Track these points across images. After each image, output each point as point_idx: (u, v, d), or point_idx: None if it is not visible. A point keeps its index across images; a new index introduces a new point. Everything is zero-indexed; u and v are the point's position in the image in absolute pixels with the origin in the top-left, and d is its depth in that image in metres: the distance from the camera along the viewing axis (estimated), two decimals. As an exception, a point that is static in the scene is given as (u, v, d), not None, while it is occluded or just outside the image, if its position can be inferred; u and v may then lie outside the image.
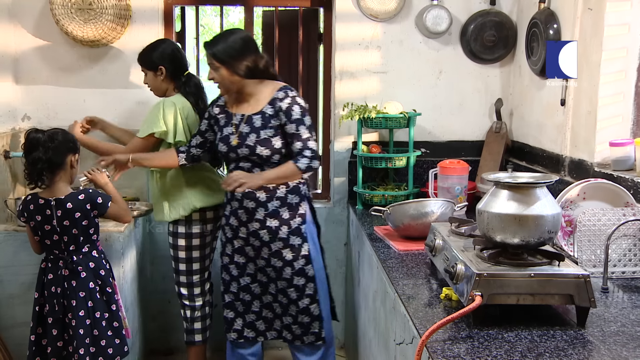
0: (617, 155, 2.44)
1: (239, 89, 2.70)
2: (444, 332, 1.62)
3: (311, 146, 2.65)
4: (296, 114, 2.64)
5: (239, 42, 2.63)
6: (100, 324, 2.56)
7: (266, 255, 2.75)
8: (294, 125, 2.64)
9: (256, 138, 2.65)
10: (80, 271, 2.54)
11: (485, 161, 3.48)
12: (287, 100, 2.65)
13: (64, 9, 3.20)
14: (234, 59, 2.61)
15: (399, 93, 3.49)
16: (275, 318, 2.85)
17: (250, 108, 2.71)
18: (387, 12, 3.42)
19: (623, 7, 2.48)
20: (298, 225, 2.74)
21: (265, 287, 2.82)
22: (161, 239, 3.55)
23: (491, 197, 1.76)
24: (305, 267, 2.75)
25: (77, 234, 2.53)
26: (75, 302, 2.52)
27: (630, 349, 1.52)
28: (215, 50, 2.62)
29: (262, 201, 2.70)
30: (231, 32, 2.70)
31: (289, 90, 2.69)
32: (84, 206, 2.52)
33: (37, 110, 3.44)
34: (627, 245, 2.07)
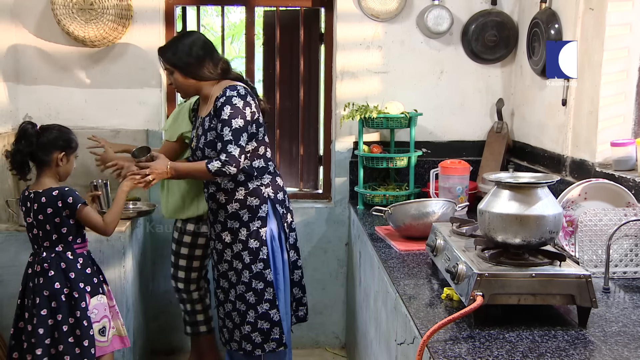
0: (619, 155, 2.43)
1: (196, 91, 2.73)
2: (445, 332, 1.61)
3: (229, 150, 2.53)
4: (225, 114, 2.56)
5: (192, 45, 2.64)
6: (61, 328, 2.46)
7: (229, 257, 2.75)
8: (220, 125, 2.57)
9: (204, 140, 2.66)
10: (47, 269, 2.48)
11: (487, 161, 3.47)
12: (221, 100, 2.58)
13: (66, 9, 3.20)
14: (186, 62, 2.63)
15: (400, 93, 3.48)
16: (235, 328, 2.79)
17: (206, 110, 2.71)
18: (388, 12, 3.42)
19: (624, 7, 2.47)
20: (257, 228, 2.70)
21: (227, 294, 2.80)
22: (162, 238, 3.56)
23: (492, 197, 1.76)
24: (263, 271, 2.71)
25: (49, 230, 2.49)
26: (38, 299, 2.47)
27: (632, 349, 1.52)
28: (167, 55, 2.66)
29: (222, 203, 2.71)
30: (183, 36, 2.71)
31: (228, 89, 2.60)
32: (55, 203, 2.47)
33: (38, 110, 3.44)
34: (628, 245, 2.06)
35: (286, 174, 3.82)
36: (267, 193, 2.73)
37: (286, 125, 3.77)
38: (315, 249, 3.68)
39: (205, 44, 2.69)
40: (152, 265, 3.58)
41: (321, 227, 3.65)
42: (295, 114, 3.74)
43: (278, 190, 2.79)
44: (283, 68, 3.69)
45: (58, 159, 2.52)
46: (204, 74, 2.65)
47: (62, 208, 2.48)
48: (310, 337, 3.72)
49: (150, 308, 3.56)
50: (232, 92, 2.59)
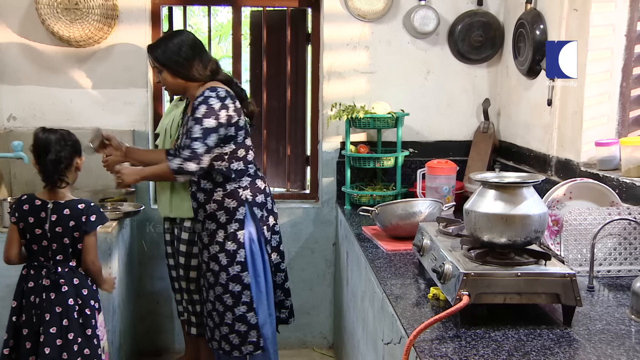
0: (603, 155, 2.45)
1: (183, 91, 2.72)
2: (432, 331, 1.62)
3: (194, 146, 2.52)
4: (199, 112, 2.55)
5: (181, 45, 2.62)
6: (72, 347, 2.36)
7: (206, 258, 2.75)
8: (193, 122, 2.56)
9: (184, 139, 2.63)
10: (62, 284, 2.38)
11: (473, 161, 3.49)
12: (199, 99, 2.58)
13: (50, 9, 3.17)
14: (176, 62, 2.62)
15: (387, 93, 3.49)
16: (215, 328, 2.79)
17: (190, 110, 2.70)
18: (375, 12, 3.43)
19: (608, 8, 2.50)
20: (234, 230, 2.70)
21: (207, 294, 2.80)
22: (150, 239, 3.54)
23: (478, 196, 1.77)
24: (241, 274, 2.71)
25: (67, 244, 2.40)
26: (49, 316, 2.36)
27: (615, 346, 1.53)
28: (156, 53, 2.64)
29: (201, 202, 2.72)
30: (174, 35, 2.69)
31: (208, 90, 2.60)
32: (80, 217, 2.40)
33: (23, 110, 3.42)
34: (612, 244, 2.08)
35: (273, 174, 3.81)
36: (244, 196, 2.71)
37: (273, 125, 3.76)
38: (302, 249, 3.67)
39: (195, 44, 2.67)
40: (139, 267, 3.56)
41: (308, 228, 3.65)
42: (282, 114, 3.74)
43: (257, 192, 2.76)
44: (270, 68, 3.69)
45: (79, 164, 2.48)
46: (192, 74, 2.64)
47: (84, 223, 2.40)
48: (298, 338, 3.72)
49: (137, 309, 3.54)
50: (211, 93, 2.59)
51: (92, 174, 3.41)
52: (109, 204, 3.34)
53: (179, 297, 3.25)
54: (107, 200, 3.36)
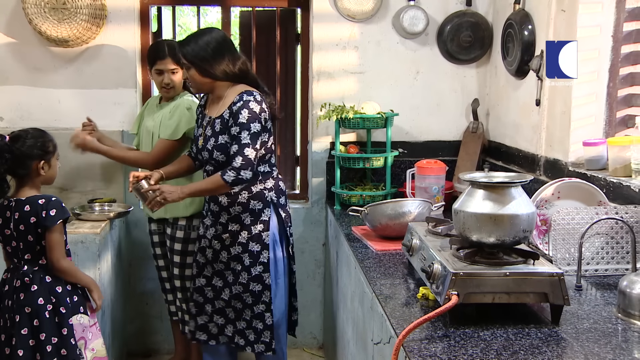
0: (591, 154, 2.47)
1: (210, 90, 2.68)
2: (421, 331, 1.63)
3: (246, 153, 2.51)
4: (243, 117, 2.54)
5: (212, 43, 2.58)
6: (45, 348, 2.28)
7: (225, 259, 2.73)
8: (237, 128, 2.54)
9: (214, 142, 2.62)
10: (28, 283, 2.31)
11: (463, 161, 3.50)
12: (239, 104, 2.56)
13: (37, 8, 3.15)
14: (205, 60, 2.57)
15: (377, 93, 3.50)
16: (228, 324, 2.79)
17: (216, 111, 2.67)
18: (364, 12, 3.44)
19: (595, 8, 2.51)
20: (259, 231, 2.70)
21: (219, 292, 2.77)
22: (139, 240, 3.53)
23: (467, 196, 1.77)
24: (263, 274, 2.71)
25: (31, 241, 2.32)
26: (19, 317, 2.29)
27: (602, 345, 1.55)
28: (185, 50, 2.59)
29: (224, 206, 2.69)
30: (204, 32, 2.64)
31: (245, 94, 2.59)
32: (40, 212, 2.30)
33: (10, 111, 3.39)
34: (599, 243, 2.10)
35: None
36: (270, 197, 2.72)
37: (263, 125, 3.75)
38: (292, 249, 3.67)
39: (224, 42, 2.63)
40: (128, 268, 3.55)
41: (298, 228, 3.65)
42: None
43: (281, 194, 2.79)
44: (259, 68, 3.68)
45: (39, 168, 2.35)
46: (220, 73, 2.60)
47: (44, 219, 2.30)
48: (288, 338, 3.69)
49: (127, 310, 3.53)
50: (249, 97, 2.58)
51: (80, 175, 3.40)
52: (97, 205, 3.32)
53: (172, 297, 3.24)
54: (96, 201, 3.34)
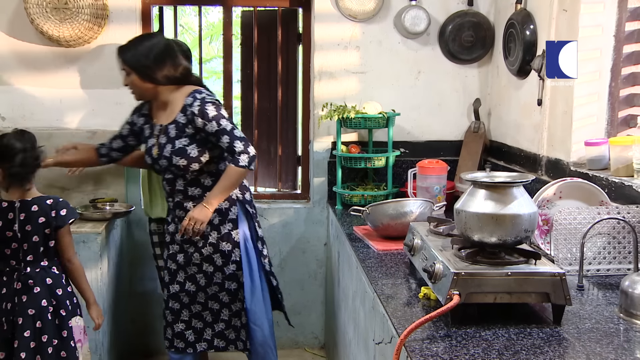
0: (592, 154, 2.47)
1: (153, 96, 2.64)
2: (422, 331, 1.62)
3: (238, 134, 2.55)
4: (211, 111, 2.55)
5: (153, 48, 2.56)
6: (46, 350, 2.29)
7: (198, 260, 2.72)
8: (214, 122, 2.54)
9: (171, 148, 2.59)
10: (32, 285, 2.30)
11: (464, 161, 3.50)
12: (196, 103, 2.55)
13: (39, 8, 3.15)
14: (146, 65, 2.54)
15: (378, 93, 3.50)
16: (206, 327, 2.78)
17: (167, 118, 2.64)
18: (366, 12, 3.43)
19: (596, 8, 2.51)
20: (229, 230, 2.70)
21: (194, 297, 2.76)
22: (140, 240, 3.53)
23: (469, 196, 1.77)
24: (237, 273, 2.72)
25: (37, 242, 2.33)
26: (22, 319, 2.28)
27: (604, 345, 1.54)
28: (125, 56, 2.57)
29: (189, 210, 2.66)
30: (145, 38, 2.64)
31: (197, 93, 2.59)
32: (49, 212, 2.34)
33: (12, 110, 3.39)
34: (601, 243, 2.10)
35: (264, 174, 3.81)
36: (234, 195, 2.72)
37: (264, 125, 3.76)
38: (293, 249, 3.67)
39: (167, 47, 2.60)
40: (129, 267, 3.55)
41: (300, 228, 3.65)
42: (273, 115, 3.73)
43: (245, 190, 2.79)
44: (261, 68, 3.68)
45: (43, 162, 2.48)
46: (162, 79, 2.57)
47: (54, 218, 2.34)
48: (289, 338, 3.71)
49: (128, 310, 3.53)
50: (201, 94, 2.59)
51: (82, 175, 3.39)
52: (99, 204, 3.32)
53: None
54: (97, 201, 3.34)
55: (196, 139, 2.59)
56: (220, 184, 2.60)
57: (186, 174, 2.63)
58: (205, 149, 2.61)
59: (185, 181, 2.66)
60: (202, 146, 2.60)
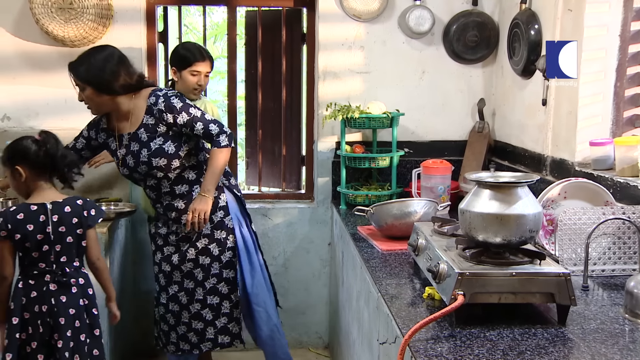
0: (597, 154, 2.46)
1: (112, 107, 2.61)
2: (427, 331, 1.62)
3: (208, 118, 2.60)
4: (176, 103, 2.58)
5: (104, 60, 2.52)
6: (83, 349, 2.33)
7: (193, 255, 2.73)
8: (184, 112, 2.57)
9: (148, 152, 2.59)
10: (72, 284, 2.33)
11: (468, 161, 3.50)
12: (160, 100, 2.58)
13: (44, 8, 3.16)
14: (99, 78, 2.51)
15: (382, 93, 3.50)
16: (207, 326, 2.78)
17: (132, 125, 2.63)
18: (370, 12, 3.43)
19: (602, 8, 2.50)
20: (221, 218, 2.75)
21: (192, 294, 2.76)
22: (144, 240, 3.53)
23: (473, 196, 1.77)
24: (233, 260, 2.77)
25: (71, 242, 2.34)
26: (64, 320, 2.29)
27: (609, 345, 1.54)
28: (78, 71, 2.53)
29: (182, 209, 2.69)
30: (95, 50, 2.60)
31: (157, 91, 2.61)
32: (81, 212, 2.37)
33: (17, 110, 3.40)
34: (606, 243, 2.09)
35: (269, 174, 3.82)
36: (220, 182, 2.76)
37: (268, 125, 3.76)
38: (298, 249, 3.67)
39: (120, 59, 2.58)
40: (133, 266, 3.55)
41: (304, 228, 3.65)
42: (277, 114, 3.74)
43: (229, 176, 2.84)
44: (265, 68, 3.69)
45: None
46: (119, 88, 2.55)
47: (87, 218, 2.37)
48: (294, 337, 3.71)
49: (132, 310, 3.53)
50: (162, 91, 2.63)
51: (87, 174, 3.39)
52: (103, 204, 3.32)
53: None
54: (101, 200, 3.35)
55: (170, 136, 2.61)
56: (210, 170, 2.63)
57: (168, 174, 2.64)
58: (181, 143, 2.63)
59: (170, 181, 2.67)
60: (177, 141, 2.62)
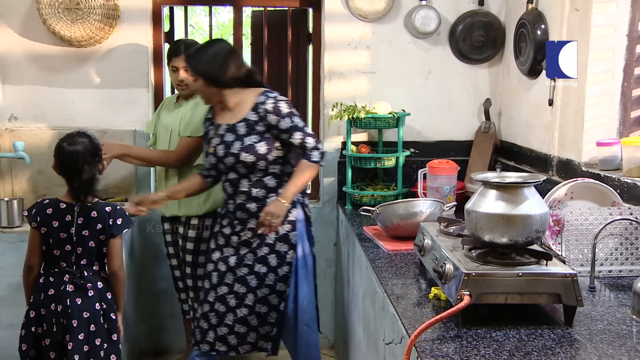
0: (604, 155, 2.45)
1: (219, 100, 2.71)
2: (433, 331, 1.62)
3: (308, 131, 2.67)
4: (284, 109, 2.64)
5: (217, 54, 2.64)
6: (99, 353, 2.35)
7: (250, 261, 2.72)
8: (288, 118, 2.64)
9: (240, 145, 2.64)
10: (88, 288, 2.35)
11: (474, 161, 3.49)
12: (270, 102, 2.64)
13: (51, 9, 3.18)
14: (211, 71, 2.62)
15: (388, 93, 3.49)
16: (250, 331, 2.78)
17: (234, 117, 2.69)
18: (376, 12, 3.43)
19: (609, 8, 2.50)
20: (287, 232, 2.72)
21: (242, 299, 2.75)
22: (151, 239, 3.54)
23: (479, 196, 1.76)
24: (288, 274, 2.74)
25: (92, 247, 2.37)
26: (76, 322, 2.32)
27: (616, 347, 1.53)
28: (192, 62, 2.67)
29: (254, 212, 2.69)
30: (210, 44, 2.71)
31: (269, 93, 2.68)
32: (107, 219, 2.38)
33: (24, 110, 3.42)
34: (613, 244, 2.08)
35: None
36: (297, 197, 2.73)
37: (274, 125, 3.76)
38: (303, 249, 3.67)
39: (230, 53, 2.69)
40: (140, 266, 3.56)
41: (310, 227, 3.65)
42: (283, 114, 3.73)
43: (305, 195, 2.84)
44: (271, 68, 3.69)
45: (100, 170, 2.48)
46: (226, 83, 2.66)
47: (111, 226, 2.39)
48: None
49: (139, 309, 3.55)
50: (274, 94, 2.69)
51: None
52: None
53: (185, 296, 3.26)
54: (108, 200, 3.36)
55: (265, 137, 2.65)
56: (294, 179, 2.67)
57: (250, 174, 2.66)
58: (273, 147, 2.66)
59: (250, 182, 2.68)
60: (270, 144, 2.65)
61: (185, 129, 3.02)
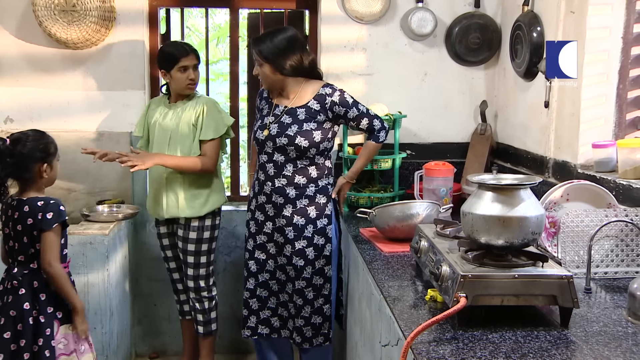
0: (600, 156, 2.46)
1: (281, 87, 2.76)
2: (429, 333, 1.62)
3: (373, 114, 2.79)
4: (349, 99, 2.74)
5: (285, 41, 2.68)
6: (22, 355, 2.23)
7: (288, 253, 2.75)
8: (354, 108, 2.73)
9: (298, 129, 2.68)
10: (17, 286, 2.26)
11: (471, 163, 3.49)
12: (337, 93, 2.72)
13: (47, 11, 3.17)
14: (278, 57, 2.67)
15: (384, 95, 3.49)
16: (289, 318, 2.85)
17: (293, 102, 2.75)
18: (372, 14, 3.43)
19: (604, 10, 2.50)
20: (324, 225, 2.77)
21: (283, 285, 2.83)
22: (147, 241, 3.54)
23: (475, 198, 1.77)
24: (325, 267, 2.78)
25: (26, 243, 2.27)
26: (3, 320, 2.26)
27: (612, 348, 1.54)
28: (260, 48, 2.69)
29: (292, 198, 2.72)
30: (278, 31, 2.74)
31: (334, 86, 2.76)
32: (37, 214, 2.25)
33: (20, 112, 3.41)
34: (609, 246, 2.09)
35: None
36: (331, 191, 2.82)
37: (271, 127, 3.75)
38: (300, 251, 3.67)
39: (297, 41, 2.72)
40: (136, 269, 3.56)
41: (306, 229, 3.64)
42: (279, 116, 3.73)
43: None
44: (267, 70, 3.68)
45: (41, 170, 2.32)
46: (292, 70, 2.69)
47: (40, 221, 2.26)
48: (296, 340, 3.71)
49: (134, 311, 3.54)
50: (337, 87, 2.76)
51: (89, 176, 3.41)
52: (106, 206, 3.33)
53: (185, 297, 3.25)
54: (104, 202, 3.36)
55: (322, 127, 2.71)
56: (361, 159, 2.87)
57: (298, 159, 2.70)
58: (326, 138, 2.72)
59: (295, 168, 2.71)
60: (324, 135, 2.71)
61: (207, 132, 3.02)
